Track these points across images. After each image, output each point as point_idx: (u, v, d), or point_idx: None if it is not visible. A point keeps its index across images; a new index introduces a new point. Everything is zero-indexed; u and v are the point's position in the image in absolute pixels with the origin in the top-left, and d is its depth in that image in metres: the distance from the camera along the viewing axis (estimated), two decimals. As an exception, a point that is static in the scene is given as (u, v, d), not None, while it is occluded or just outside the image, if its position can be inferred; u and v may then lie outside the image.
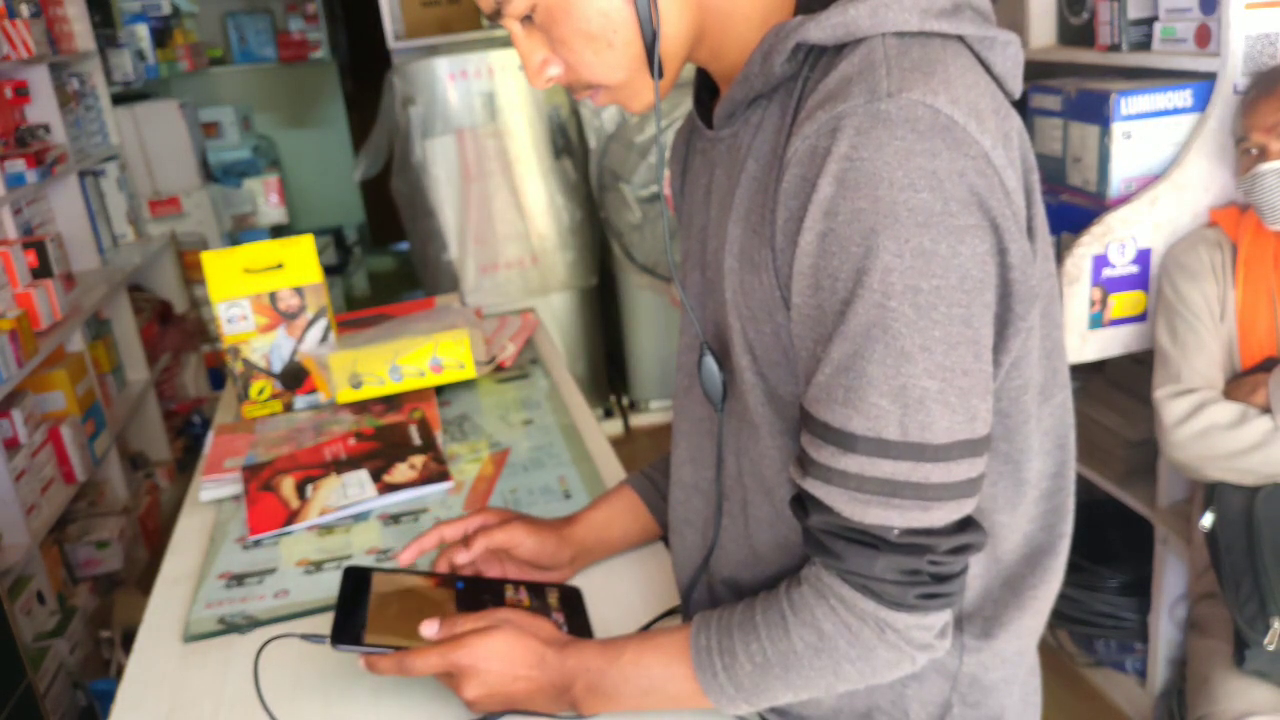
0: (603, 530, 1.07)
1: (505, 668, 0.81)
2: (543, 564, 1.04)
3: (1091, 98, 1.92)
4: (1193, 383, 1.64)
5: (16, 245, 2.57)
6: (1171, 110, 1.82)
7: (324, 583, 1.12)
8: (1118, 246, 1.81)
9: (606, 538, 1.07)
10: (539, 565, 1.04)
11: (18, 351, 2.32)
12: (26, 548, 2.27)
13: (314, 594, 1.11)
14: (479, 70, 3.34)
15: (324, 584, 1.12)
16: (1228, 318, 1.65)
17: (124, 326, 3.31)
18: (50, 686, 2.22)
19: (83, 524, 2.79)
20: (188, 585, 1.18)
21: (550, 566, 1.04)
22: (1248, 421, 1.55)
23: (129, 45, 4.09)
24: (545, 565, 1.04)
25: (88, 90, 3.49)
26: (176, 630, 1.10)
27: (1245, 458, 1.55)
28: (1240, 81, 1.71)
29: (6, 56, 2.74)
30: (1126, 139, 1.84)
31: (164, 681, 1.02)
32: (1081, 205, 1.94)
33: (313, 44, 5.24)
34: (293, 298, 1.59)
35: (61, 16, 3.25)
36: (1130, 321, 1.86)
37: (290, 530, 1.25)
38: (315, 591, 1.11)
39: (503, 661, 0.81)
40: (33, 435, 2.42)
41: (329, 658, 0.99)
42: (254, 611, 1.10)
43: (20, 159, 2.71)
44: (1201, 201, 1.80)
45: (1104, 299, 1.83)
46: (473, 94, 3.35)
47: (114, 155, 3.54)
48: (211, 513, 1.36)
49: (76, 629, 2.42)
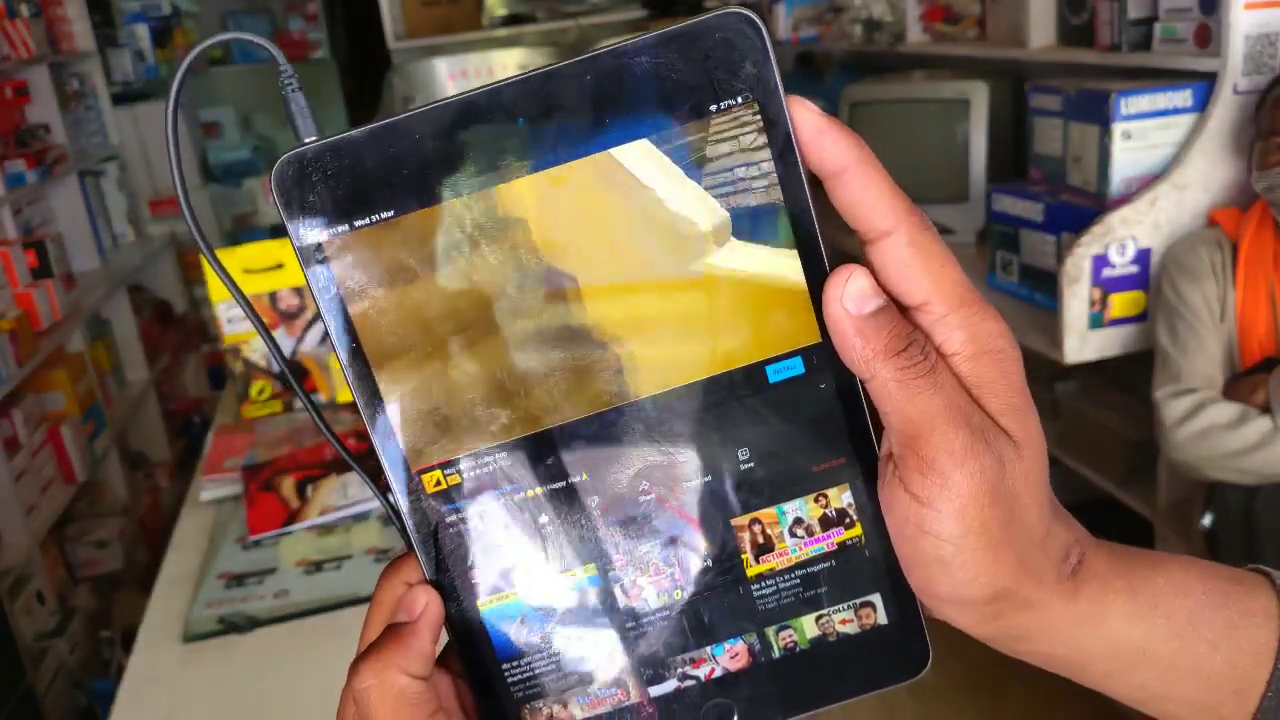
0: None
1: None
2: None
3: (1091, 98, 1.92)
4: (1193, 383, 1.64)
5: (16, 245, 2.57)
6: (1171, 110, 1.82)
7: (324, 583, 1.12)
8: (1118, 246, 1.81)
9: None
10: None
11: (18, 352, 2.32)
12: (27, 548, 2.27)
13: (314, 594, 1.11)
14: (479, 70, 3.34)
15: (324, 584, 1.12)
16: (1228, 318, 1.65)
17: (124, 326, 3.31)
18: (50, 686, 2.22)
19: (83, 524, 2.78)
20: (188, 585, 1.18)
21: None
22: (1248, 421, 1.55)
23: (129, 45, 4.09)
24: None
25: (88, 90, 3.49)
26: (176, 630, 1.10)
27: (1245, 458, 1.55)
28: (1241, 81, 1.71)
29: (6, 56, 2.74)
30: (1126, 139, 1.84)
31: (164, 681, 1.02)
32: (1081, 205, 1.94)
33: (313, 44, 5.24)
34: (292, 298, 1.59)
35: (61, 16, 3.25)
36: (1130, 321, 1.86)
37: (290, 530, 1.25)
38: (315, 591, 1.11)
39: None
40: (33, 435, 2.42)
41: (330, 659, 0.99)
42: (254, 611, 1.10)
43: (20, 159, 2.71)
44: (1201, 201, 1.80)
45: (1104, 299, 1.83)
46: (473, 94, 3.35)
47: (114, 155, 3.54)
48: (211, 513, 1.36)
49: (76, 629, 2.42)
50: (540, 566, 0.38)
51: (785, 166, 0.35)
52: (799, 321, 0.36)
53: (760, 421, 0.37)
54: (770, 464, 0.37)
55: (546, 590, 0.38)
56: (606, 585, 0.38)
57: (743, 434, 0.37)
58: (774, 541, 0.38)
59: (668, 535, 0.38)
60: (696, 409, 0.37)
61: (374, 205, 0.34)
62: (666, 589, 0.38)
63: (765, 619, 0.38)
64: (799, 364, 0.37)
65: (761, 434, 0.37)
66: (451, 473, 0.37)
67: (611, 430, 0.37)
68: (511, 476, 0.37)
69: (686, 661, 0.38)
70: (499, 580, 0.38)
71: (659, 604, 0.38)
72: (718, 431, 0.37)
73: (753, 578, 0.38)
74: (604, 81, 0.34)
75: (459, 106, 0.34)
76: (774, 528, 0.38)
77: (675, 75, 0.34)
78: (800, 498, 0.38)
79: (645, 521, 0.38)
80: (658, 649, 0.38)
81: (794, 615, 0.38)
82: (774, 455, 0.37)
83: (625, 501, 0.38)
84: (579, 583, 0.38)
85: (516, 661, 0.38)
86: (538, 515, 0.38)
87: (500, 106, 0.34)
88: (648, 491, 0.37)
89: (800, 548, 0.38)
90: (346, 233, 0.35)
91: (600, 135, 0.34)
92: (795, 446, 0.37)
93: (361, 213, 0.35)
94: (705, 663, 0.38)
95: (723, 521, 0.38)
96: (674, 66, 0.34)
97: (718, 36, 0.33)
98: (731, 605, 0.38)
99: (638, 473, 0.37)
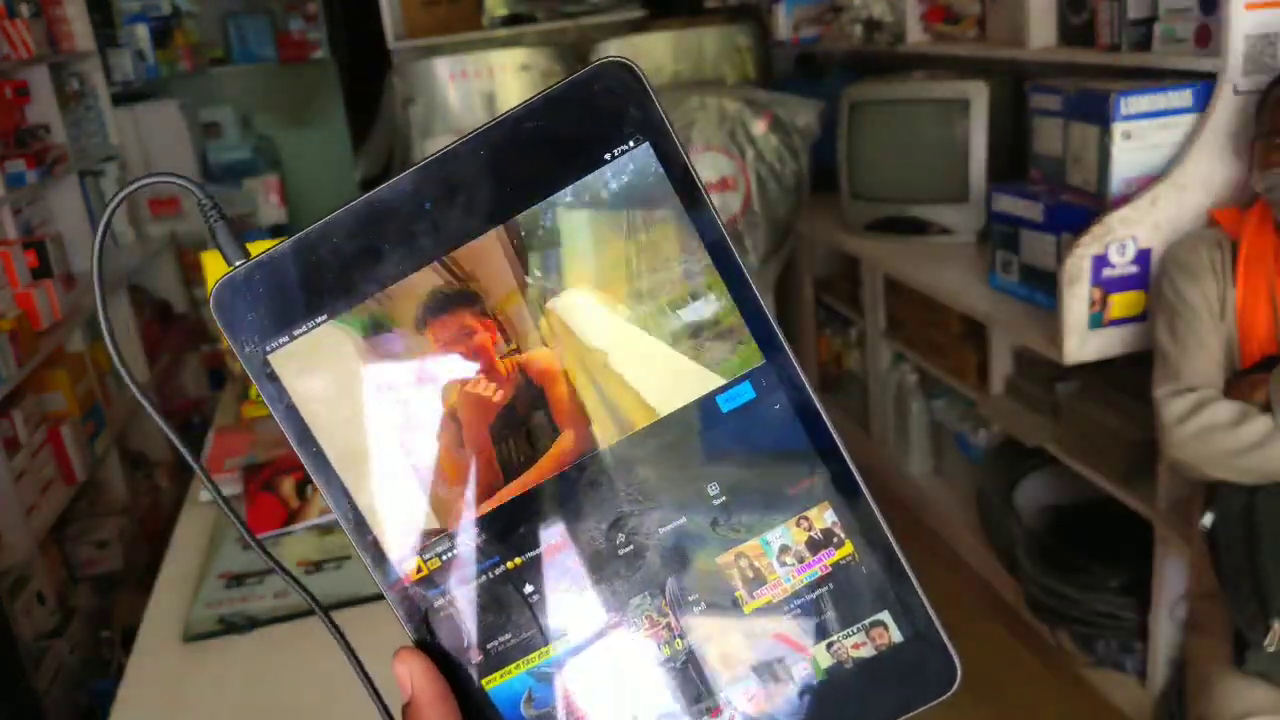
0: None
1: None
2: None
3: (1091, 98, 1.92)
4: (1193, 382, 1.64)
5: (16, 245, 2.57)
6: (1171, 110, 1.82)
7: (324, 582, 1.12)
8: (1118, 246, 1.81)
9: None
10: None
11: (18, 352, 2.32)
12: (27, 548, 2.27)
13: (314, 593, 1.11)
14: (479, 70, 3.34)
15: (324, 584, 1.12)
16: (1228, 317, 1.65)
17: (124, 327, 3.31)
18: (50, 686, 2.22)
19: (83, 524, 2.78)
20: (188, 585, 1.18)
21: None
22: (1248, 420, 1.55)
23: (129, 45, 4.10)
24: None
25: (88, 90, 3.49)
26: (177, 630, 1.10)
27: (1245, 457, 1.55)
28: (1241, 82, 1.71)
29: (6, 56, 2.73)
30: (1126, 139, 1.84)
31: (164, 681, 1.02)
32: (1081, 205, 1.94)
33: (313, 44, 5.24)
34: (293, 298, 1.59)
35: (61, 16, 3.25)
36: (1130, 321, 1.86)
37: (290, 530, 1.25)
38: (315, 591, 1.11)
39: None
40: (33, 435, 2.42)
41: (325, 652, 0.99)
42: (254, 611, 1.10)
43: (20, 159, 2.71)
44: (1201, 201, 1.80)
45: (1104, 299, 1.83)
46: (473, 94, 3.36)
47: (114, 155, 3.54)
48: (211, 513, 1.36)
49: (77, 629, 2.42)
50: (536, 636, 0.38)
51: (690, 196, 0.35)
52: (739, 347, 0.36)
53: (723, 453, 0.37)
54: (743, 494, 0.37)
55: (546, 659, 0.37)
56: (607, 645, 0.37)
57: (708, 469, 0.37)
58: (765, 574, 0.37)
59: (656, 585, 0.37)
60: (656, 451, 0.37)
61: (308, 312, 0.36)
62: (666, 639, 0.37)
63: (773, 654, 0.37)
64: (748, 389, 0.36)
65: (727, 466, 0.37)
66: (430, 557, 0.37)
67: (577, 487, 0.37)
68: (488, 552, 0.37)
69: (703, 712, 0.37)
70: (498, 657, 0.38)
71: (662, 656, 0.37)
72: (682, 470, 0.37)
73: (751, 614, 0.37)
74: (499, 151, 0.35)
75: (365, 205, 0.35)
76: (761, 559, 0.37)
77: (565, 132, 0.34)
78: (781, 524, 0.37)
79: (630, 574, 0.37)
80: (671, 703, 0.37)
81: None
82: (744, 485, 0.37)
83: (605, 556, 0.37)
84: (577, 646, 0.37)
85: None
86: (522, 586, 0.37)
87: (405, 196, 0.35)
88: (625, 543, 0.37)
89: (793, 575, 0.37)
90: (288, 342, 0.36)
91: (507, 202, 0.35)
92: (764, 472, 0.37)
93: (298, 321, 0.36)
94: (723, 710, 0.37)
95: (708, 561, 0.37)
96: (562, 123, 0.34)
97: (598, 88, 0.34)
98: (736, 646, 0.37)
99: (612, 525, 0.37)
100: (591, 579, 0.37)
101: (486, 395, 0.37)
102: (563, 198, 0.35)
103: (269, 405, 0.37)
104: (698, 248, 0.36)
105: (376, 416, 0.37)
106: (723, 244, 0.36)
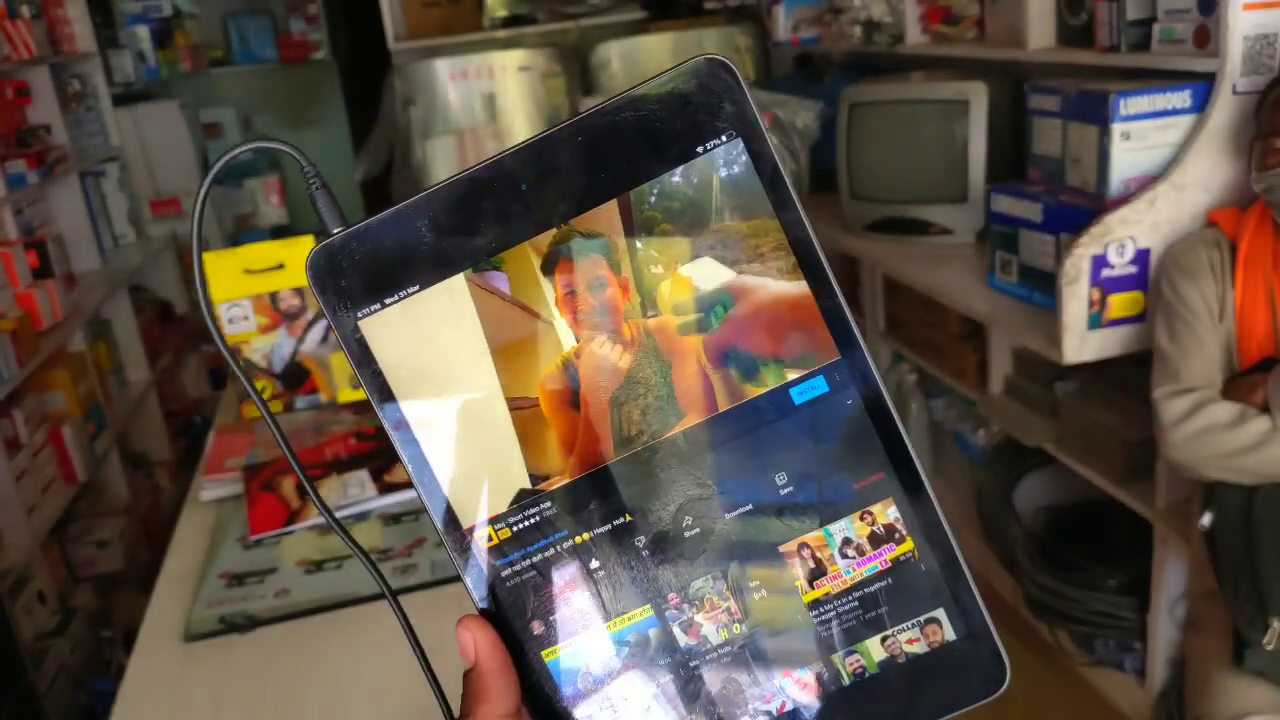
0: None
1: None
2: None
3: (1090, 98, 1.92)
4: (1192, 382, 1.64)
5: (17, 245, 2.57)
6: (1170, 111, 1.82)
7: (324, 582, 1.13)
8: (1116, 247, 1.81)
9: None
10: None
11: (19, 352, 2.32)
12: (27, 548, 2.27)
13: (314, 593, 1.11)
14: (479, 71, 3.34)
15: (324, 583, 1.13)
16: (1226, 317, 1.65)
17: (125, 327, 3.32)
18: (51, 686, 2.22)
19: (83, 524, 2.79)
20: (188, 585, 1.18)
21: None
22: (1247, 421, 1.55)
23: (130, 46, 4.10)
24: None
25: (88, 91, 3.49)
26: (177, 630, 1.10)
27: (1244, 457, 1.55)
28: (1240, 82, 1.71)
29: (7, 57, 2.74)
30: (1125, 139, 1.85)
31: (164, 681, 1.02)
32: (1080, 205, 1.94)
33: (313, 45, 5.24)
34: (293, 298, 1.59)
35: (62, 17, 3.25)
36: (1129, 322, 1.86)
37: (291, 530, 1.25)
38: (316, 591, 1.11)
39: None
40: (34, 435, 2.42)
41: (330, 655, 0.99)
42: (254, 611, 1.10)
43: (21, 159, 2.72)
44: (1201, 201, 1.80)
45: (1103, 299, 1.83)
46: (473, 95, 3.36)
47: (115, 156, 3.54)
48: (212, 512, 1.36)
49: (77, 629, 2.42)
50: (598, 612, 0.38)
51: (777, 194, 0.36)
52: (815, 339, 0.37)
53: (793, 444, 0.37)
54: (809, 486, 0.37)
55: (607, 635, 0.38)
56: (665, 625, 0.38)
57: (777, 459, 0.37)
58: (826, 565, 0.38)
59: (718, 569, 0.38)
60: (728, 439, 0.37)
61: (400, 282, 0.37)
62: (725, 624, 0.38)
63: (829, 645, 0.38)
64: (822, 383, 0.37)
65: (796, 457, 0.37)
66: (501, 527, 0.38)
67: (648, 468, 0.37)
68: (558, 525, 0.38)
69: (756, 698, 0.38)
70: (559, 629, 0.38)
71: (719, 640, 0.38)
72: (752, 459, 0.37)
73: (810, 603, 0.38)
74: (594, 139, 0.36)
75: (465, 182, 0.36)
76: (823, 550, 0.38)
77: (660, 124, 0.35)
78: (845, 517, 0.38)
79: (694, 556, 0.38)
80: (725, 686, 0.38)
81: (858, 639, 0.38)
82: (812, 477, 0.37)
83: (671, 538, 0.38)
84: (637, 625, 0.38)
85: (586, 709, 0.38)
86: (588, 561, 0.38)
87: (502, 176, 0.36)
88: (692, 526, 0.38)
89: (853, 568, 0.38)
90: (379, 310, 0.37)
91: (598, 188, 0.36)
92: (832, 466, 0.37)
93: (390, 290, 0.37)
94: (775, 697, 0.38)
95: (771, 549, 0.38)
96: (658, 116, 0.35)
97: (696, 83, 0.35)
98: (793, 634, 0.38)
99: (679, 508, 0.38)
100: (655, 558, 0.38)
101: (611, 359, 0.37)
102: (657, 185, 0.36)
103: (355, 368, 0.38)
104: (783, 242, 0.36)
105: (460, 386, 0.38)
106: (807, 241, 0.36)
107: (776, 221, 0.36)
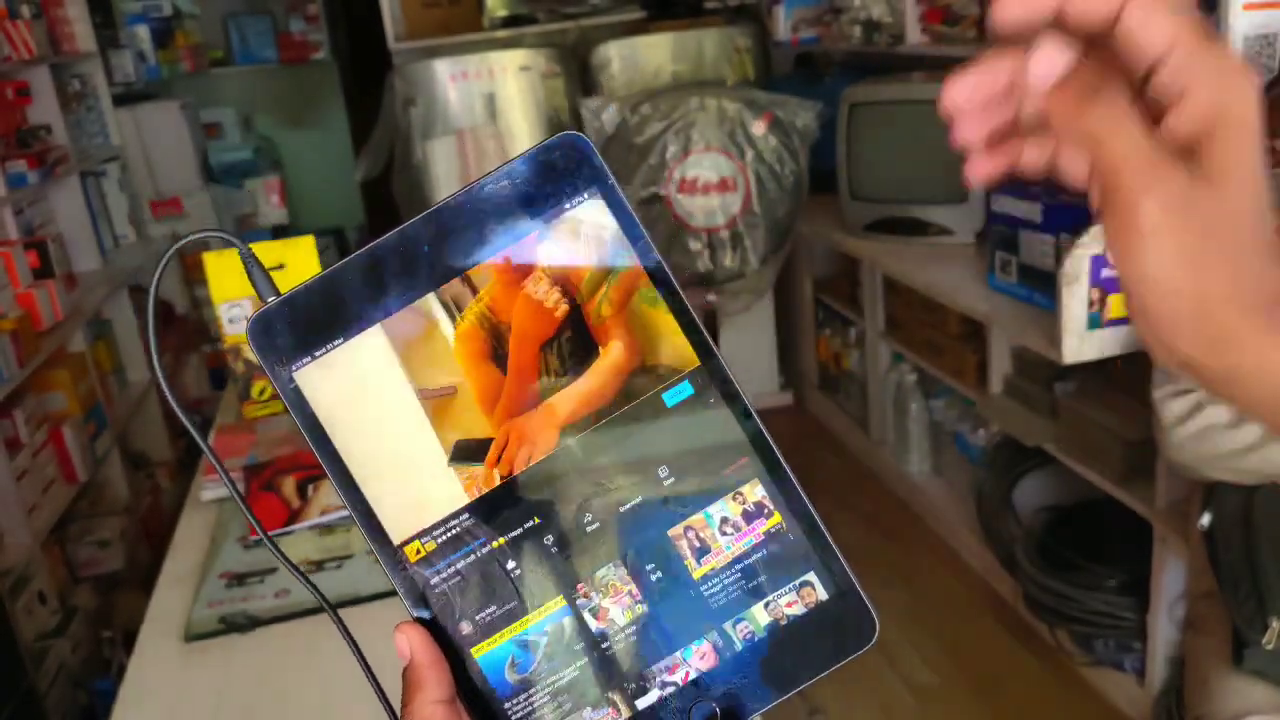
0: None
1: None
2: None
3: (1090, 98, 1.92)
4: (1191, 383, 1.65)
5: (18, 245, 2.58)
6: (1170, 111, 1.82)
7: (325, 582, 1.13)
8: (1116, 247, 1.81)
9: None
10: None
11: (19, 352, 2.32)
12: (28, 548, 2.27)
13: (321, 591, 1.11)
14: (479, 71, 3.34)
15: (325, 583, 1.13)
16: (1226, 318, 1.65)
17: (125, 327, 3.32)
18: (51, 686, 2.23)
19: (84, 524, 2.79)
20: (189, 585, 1.18)
21: None
22: (1247, 421, 1.55)
23: (130, 46, 4.10)
24: None
25: (89, 91, 3.49)
26: (177, 630, 1.10)
27: (1243, 457, 1.55)
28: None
29: (8, 57, 2.74)
30: (1125, 139, 1.84)
31: (164, 681, 1.02)
32: (1080, 205, 1.94)
33: (314, 45, 5.24)
34: (293, 298, 1.59)
35: (63, 17, 3.25)
36: (1129, 322, 1.86)
37: (291, 530, 1.25)
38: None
39: None
40: (34, 435, 2.43)
41: (330, 655, 0.99)
42: (255, 611, 1.10)
43: (22, 160, 2.72)
44: (1200, 202, 1.80)
45: (1103, 299, 1.83)
46: (473, 95, 3.36)
47: (115, 156, 3.55)
48: (213, 512, 1.36)
49: (77, 629, 2.42)
50: (517, 608, 0.43)
51: (633, 236, 0.42)
52: (679, 351, 0.43)
53: (670, 441, 0.43)
54: (688, 475, 0.43)
55: (526, 628, 0.43)
56: (577, 613, 0.43)
57: (658, 454, 0.43)
58: (709, 543, 0.43)
59: (618, 557, 0.43)
60: (614, 442, 0.43)
61: (327, 336, 0.43)
62: (628, 605, 0.43)
63: (720, 615, 0.43)
64: (688, 386, 0.43)
65: (673, 451, 0.43)
66: (427, 540, 0.43)
67: (549, 475, 0.43)
68: (476, 533, 0.43)
69: (663, 670, 0.43)
70: (485, 628, 0.44)
71: (625, 621, 0.43)
72: (636, 457, 0.43)
73: (699, 579, 0.43)
74: (479, 204, 0.42)
75: (376, 249, 0.43)
76: (705, 530, 0.43)
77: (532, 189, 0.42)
78: (721, 499, 0.43)
79: (596, 548, 0.43)
80: (634, 663, 0.43)
81: (744, 607, 0.43)
82: (689, 467, 0.43)
83: (575, 534, 0.43)
84: (553, 615, 0.43)
85: (515, 699, 0.43)
86: (505, 562, 0.43)
87: (406, 242, 0.42)
88: (591, 521, 0.43)
89: (733, 544, 0.43)
90: (309, 362, 0.43)
91: (486, 244, 0.42)
92: (704, 456, 0.43)
93: (319, 344, 0.43)
94: (679, 667, 0.43)
95: (661, 534, 0.43)
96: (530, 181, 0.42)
97: (558, 153, 0.42)
98: (688, 609, 0.43)
99: (579, 507, 0.43)
100: (564, 554, 0.43)
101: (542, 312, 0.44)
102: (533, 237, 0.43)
103: (293, 415, 0.43)
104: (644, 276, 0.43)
105: (391, 415, 0.43)
106: (660, 270, 0.43)
107: (636, 258, 0.42)
